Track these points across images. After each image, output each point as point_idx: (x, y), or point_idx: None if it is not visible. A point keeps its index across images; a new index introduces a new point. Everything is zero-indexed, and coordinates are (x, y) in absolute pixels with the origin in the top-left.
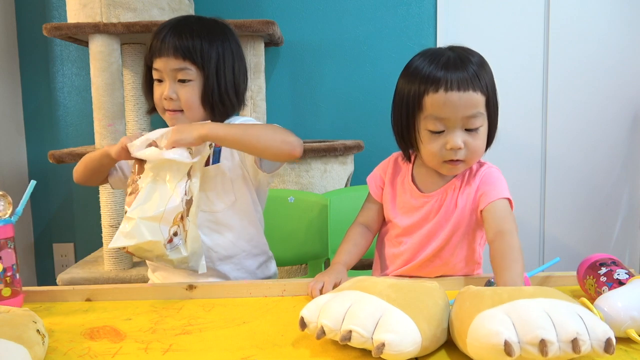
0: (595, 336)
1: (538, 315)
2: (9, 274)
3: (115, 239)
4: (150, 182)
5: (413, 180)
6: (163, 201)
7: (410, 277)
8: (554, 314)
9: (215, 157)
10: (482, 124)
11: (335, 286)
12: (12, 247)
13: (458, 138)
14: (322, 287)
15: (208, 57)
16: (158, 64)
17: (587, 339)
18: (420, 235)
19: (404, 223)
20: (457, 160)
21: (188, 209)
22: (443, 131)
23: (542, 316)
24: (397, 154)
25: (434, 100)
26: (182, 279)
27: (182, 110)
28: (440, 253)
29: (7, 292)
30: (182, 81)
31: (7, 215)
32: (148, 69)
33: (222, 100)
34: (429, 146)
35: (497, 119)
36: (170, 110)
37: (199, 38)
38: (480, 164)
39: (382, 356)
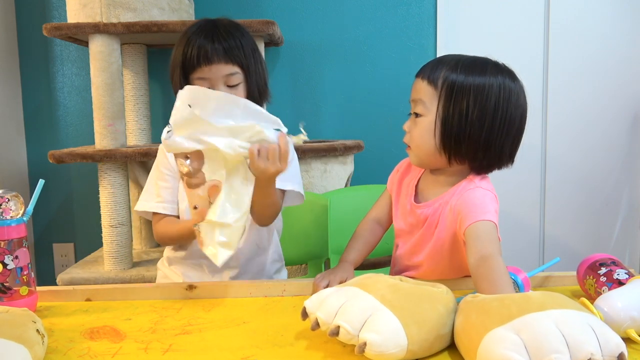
0: (608, 351)
1: (551, 334)
2: (25, 272)
3: (221, 256)
4: (226, 179)
5: (417, 185)
6: (243, 203)
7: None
8: (566, 331)
9: None
10: (423, 113)
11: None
12: (26, 246)
13: (407, 121)
14: (328, 284)
15: (248, 58)
16: (206, 72)
17: (600, 356)
18: (411, 244)
19: (398, 224)
20: (409, 146)
21: None
22: (410, 114)
23: (555, 336)
24: None
25: None
26: (197, 274)
27: None
28: (431, 268)
29: (24, 290)
30: (231, 86)
31: (19, 215)
32: (183, 79)
33: (260, 94)
34: None
35: (459, 128)
36: None
37: (237, 39)
38: (470, 182)
39: (365, 355)
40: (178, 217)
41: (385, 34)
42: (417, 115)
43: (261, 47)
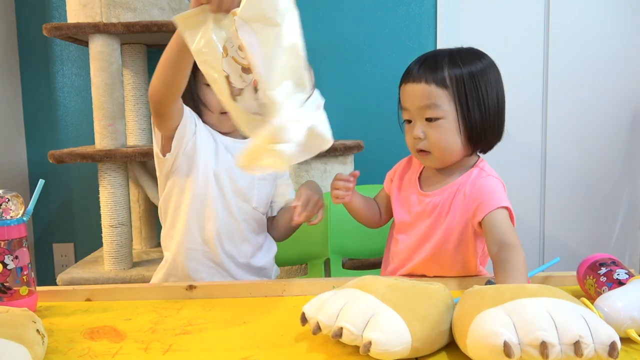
0: (599, 340)
1: (540, 316)
2: (25, 272)
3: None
4: None
5: (419, 178)
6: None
7: (415, 276)
8: (556, 315)
9: None
10: (441, 116)
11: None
12: (26, 246)
13: (418, 128)
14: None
15: None
16: None
17: (591, 342)
18: (415, 236)
19: (400, 217)
20: (423, 151)
21: None
22: (411, 121)
23: (544, 317)
24: None
25: (401, 92)
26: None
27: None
28: (435, 257)
29: (24, 290)
30: None
31: (19, 215)
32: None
33: None
34: (406, 136)
35: (481, 118)
36: (225, 113)
37: None
38: (481, 171)
39: (370, 354)
40: None
41: (385, 34)
42: (431, 119)
43: None
